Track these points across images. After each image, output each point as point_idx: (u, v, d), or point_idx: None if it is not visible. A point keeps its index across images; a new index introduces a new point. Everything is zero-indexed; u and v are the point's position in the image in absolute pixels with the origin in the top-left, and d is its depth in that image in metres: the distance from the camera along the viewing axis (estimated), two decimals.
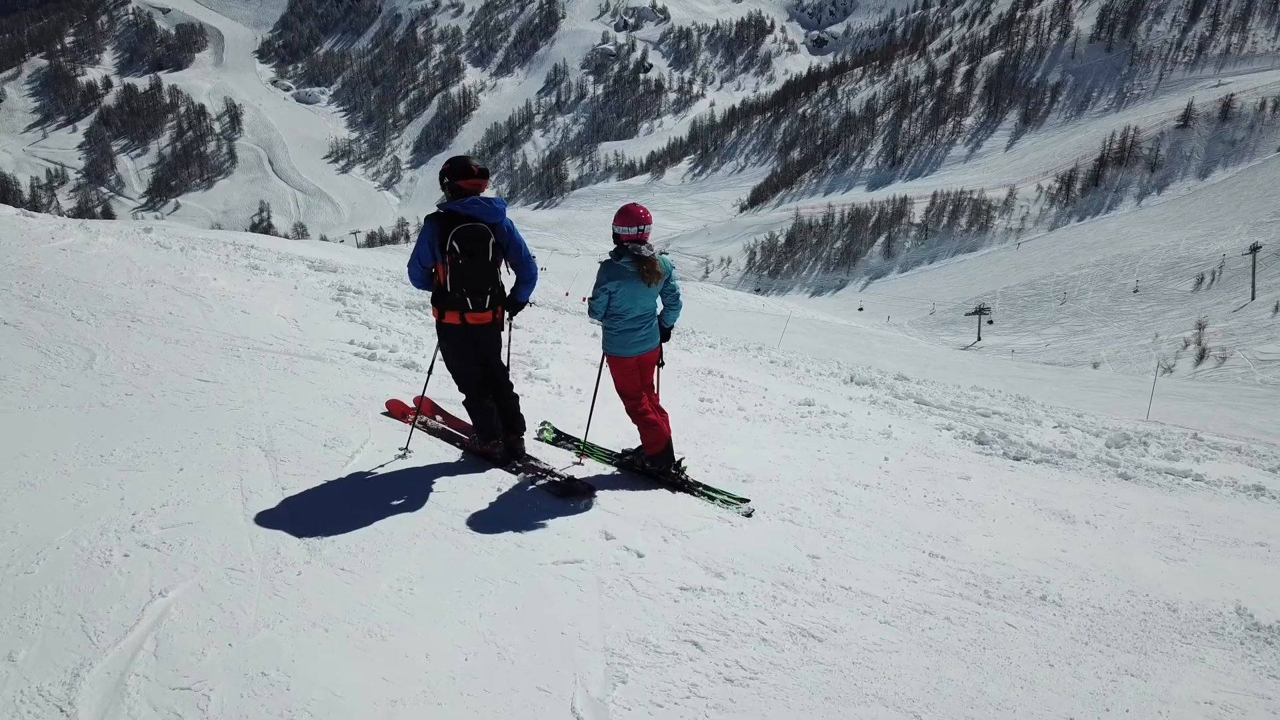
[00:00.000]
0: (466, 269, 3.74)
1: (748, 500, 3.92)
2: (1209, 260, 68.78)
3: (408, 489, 3.63)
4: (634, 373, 4.07)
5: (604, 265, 4.01)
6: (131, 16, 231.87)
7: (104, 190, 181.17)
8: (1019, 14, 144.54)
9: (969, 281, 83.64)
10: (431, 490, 3.65)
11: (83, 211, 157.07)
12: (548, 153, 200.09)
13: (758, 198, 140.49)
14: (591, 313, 4.09)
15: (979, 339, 64.97)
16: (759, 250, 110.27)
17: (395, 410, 4.52)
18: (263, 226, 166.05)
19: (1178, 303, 63.85)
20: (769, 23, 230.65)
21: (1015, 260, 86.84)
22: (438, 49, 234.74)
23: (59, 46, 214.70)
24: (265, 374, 4.89)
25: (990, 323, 68.37)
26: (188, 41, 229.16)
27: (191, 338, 5.38)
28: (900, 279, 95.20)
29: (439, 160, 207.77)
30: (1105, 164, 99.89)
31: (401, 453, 3.99)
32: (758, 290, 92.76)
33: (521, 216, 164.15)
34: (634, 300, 3.98)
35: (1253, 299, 57.92)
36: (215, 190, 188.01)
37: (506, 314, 4.01)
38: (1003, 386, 29.07)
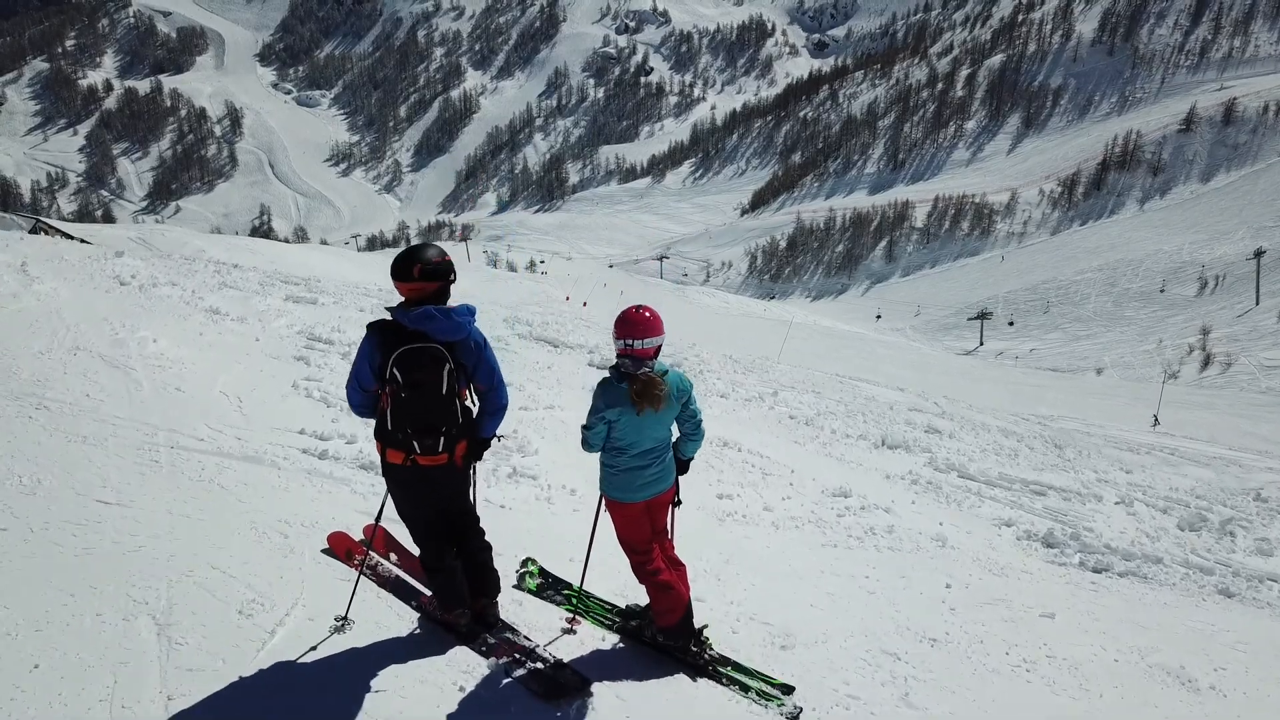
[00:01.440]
0: (411, 404, 2.82)
1: (791, 690, 2.97)
2: (1212, 265, 68.01)
3: (339, 691, 2.70)
4: (641, 520, 3.13)
5: (601, 386, 3.07)
6: (132, 20, 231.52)
7: (104, 194, 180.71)
8: (1020, 17, 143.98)
9: (971, 286, 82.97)
10: (370, 690, 2.71)
11: (83, 215, 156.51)
12: (548, 156, 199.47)
13: (759, 201, 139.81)
14: (586, 445, 3.13)
15: (981, 343, 64.31)
16: (760, 254, 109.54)
17: (339, 547, 3.54)
18: (263, 230, 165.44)
19: (1181, 308, 63.12)
20: (770, 26, 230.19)
21: (1018, 265, 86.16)
22: (438, 52, 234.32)
23: (60, 50, 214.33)
24: (184, 489, 3.97)
25: (1011, 324, 67.88)
26: (188, 45, 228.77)
27: (105, 433, 4.45)
28: (902, 283, 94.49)
29: (440, 164, 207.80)
30: (1107, 168, 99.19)
31: (339, 624, 3.03)
32: (773, 297, 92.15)
33: (522, 220, 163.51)
34: (640, 432, 3.04)
35: (1257, 304, 57.25)
36: (216, 193, 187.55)
37: (472, 454, 3.06)
38: (1008, 395, 28.16)
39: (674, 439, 3.26)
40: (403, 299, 2.88)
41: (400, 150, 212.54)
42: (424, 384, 2.79)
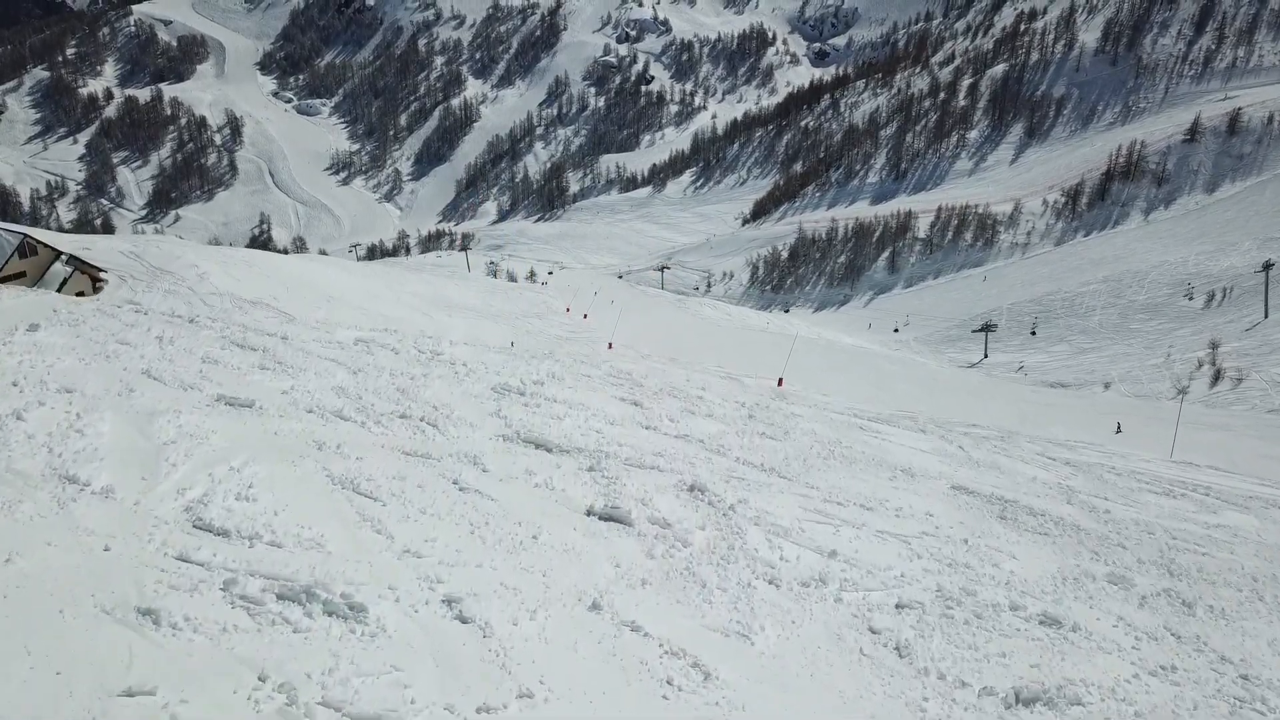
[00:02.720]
0: None
1: None
2: (1219, 277, 67.39)
3: None
4: None
5: None
6: (133, 28, 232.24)
7: (104, 202, 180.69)
8: (1022, 27, 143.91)
9: (975, 297, 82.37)
10: None
11: (83, 224, 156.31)
12: (549, 165, 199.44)
13: (760, 211, 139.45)
14: None
15: (985, 355, 63.71)
16: (762, 264, 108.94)
17: None
18: (262, 239, 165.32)
19: (1189, 320, 62.46)
20: (771, 35, 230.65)
21: (1022, 276, 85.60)
22: (439, 61, 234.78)
23: (60, 58, 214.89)
24: None
25: (1033, 333, 67.49)
26: (189, 53, 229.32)
27: None
28: (905, 294, 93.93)
29: (440, 172, 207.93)
30: (1111, 178, 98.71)
31: None
32: (787, 310, 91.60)
33: (522, 229, 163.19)
34: None
35: (1265, 317, 56.61)
36: (215, 202, 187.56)
37: None
38: (1016, 416, 27.22)
39: None
40: None
41: (400, 159, 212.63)
42: None
